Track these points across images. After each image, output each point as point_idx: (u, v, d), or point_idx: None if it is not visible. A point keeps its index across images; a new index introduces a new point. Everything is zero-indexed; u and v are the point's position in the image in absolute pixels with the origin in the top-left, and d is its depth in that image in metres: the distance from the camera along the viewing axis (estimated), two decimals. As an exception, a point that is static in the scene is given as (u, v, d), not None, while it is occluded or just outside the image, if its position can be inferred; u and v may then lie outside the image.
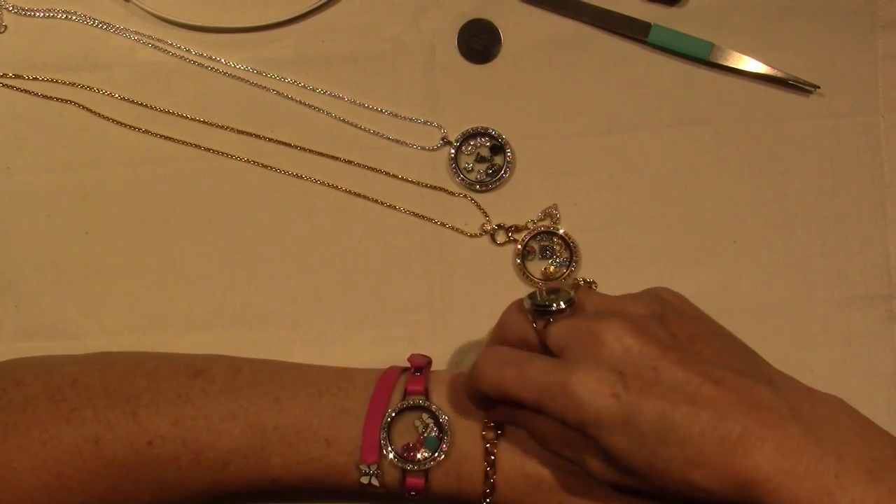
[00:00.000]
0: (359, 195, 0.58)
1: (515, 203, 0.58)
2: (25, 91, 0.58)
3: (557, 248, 0.58)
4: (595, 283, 0.49)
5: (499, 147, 0.58)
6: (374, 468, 0.48)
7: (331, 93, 0.59)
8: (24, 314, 0.57)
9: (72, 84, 0.58)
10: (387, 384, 0.50)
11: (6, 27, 0.59)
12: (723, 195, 0.58)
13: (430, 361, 0.52)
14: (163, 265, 0.58)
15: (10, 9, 0.59)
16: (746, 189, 0.58)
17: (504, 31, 0.59)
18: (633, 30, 0.58)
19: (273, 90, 0.59)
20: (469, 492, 0.49)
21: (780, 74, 0.58)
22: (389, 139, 0.59)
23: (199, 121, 0.59)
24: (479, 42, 0.59)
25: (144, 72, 0.59)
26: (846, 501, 0.40)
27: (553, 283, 0.48)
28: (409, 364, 0.51)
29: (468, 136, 0.58)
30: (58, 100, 0.58)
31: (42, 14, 0.59)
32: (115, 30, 0.59)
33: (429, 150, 0.59)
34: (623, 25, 0.58)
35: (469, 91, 0.59)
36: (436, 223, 0.58)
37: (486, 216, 0.58)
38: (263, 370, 0.51)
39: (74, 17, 0.59)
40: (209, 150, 0.58)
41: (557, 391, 0.42)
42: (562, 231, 0.58)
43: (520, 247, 0.58)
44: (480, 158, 0.59)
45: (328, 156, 0.59)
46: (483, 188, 0.58)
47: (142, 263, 0.58)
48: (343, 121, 0.59)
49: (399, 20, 0.59)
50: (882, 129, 0.58)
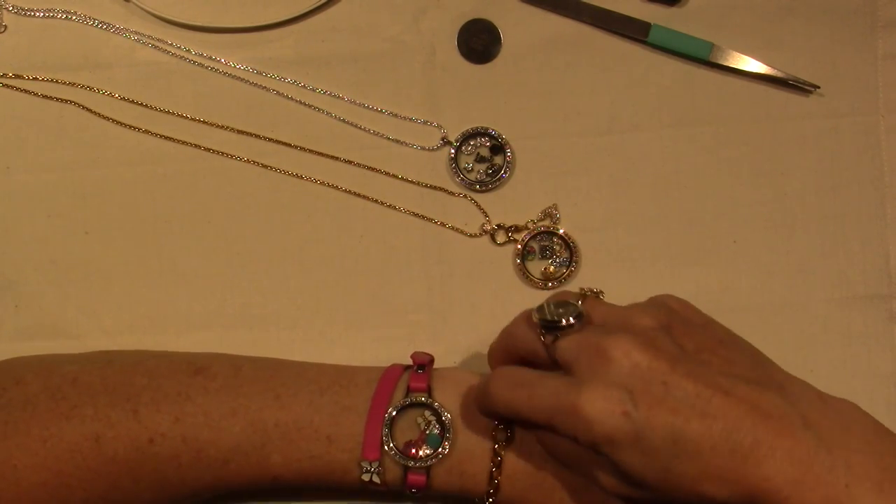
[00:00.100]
0: (359, 195, 0.58)
1: (515, 203, 0.58)
2: (25, 91, 0.58)
3: (557, 248, 0.58)
4: (602, 293, 0.49)
5: (499, 147, 0.58)
6: (376, 465, 0.48)
7: (331, 93, 0.59)
8: (24, 314, 0.57)
9: (72, 84, 0.58)
10: (389, 381, 0.50)
11: (6, 27, 0.59)
12: (723, 195, 0.58)
13: (433, 359, 0.52)
14: (163, 265, 0.58)
15: (10, 9, 0.59)
16: (746, 189, 0.58)
17: (504, 31, 0.59)
18: (633, 30, 0.58)
19: (273, 90, 0.59)
20: (471, 490, 0.49)
21: (780, 74, 0.58)
22: (389, 139, 0.59)
23: (199, 121, 0.59)
24: (479, 42, 0.59)
25: (144, 72, 0.59)
26: None
27: (560, 295, 0.48)
28: (412, 361, 0.51)
29: (468, 136, 0.58)
30: (58, 100, 0.58)
31: (42, 14, 0.59)
32: (115, 30, 0.59)
33: (429, 150, 0.59)
34: (623, 25, 0.58)
35: (469, 91, 0.59)
36: (436, 223, 0.58)
37: (486, 216, 0.58)
38: (264, 368, 0.51)
39: (74, 17, 0.59)
40: (209, 150, 0.58)
41: (568, 411, 0.42)
42: (562, 231, 0.58)
43: (520, 247, 0.58)
44: (480, 158, 0.59)
45: (328, 156, 0.59)
46: (483, 188, 0.58)
47: (142, 263, 0.58)
48: (343, 121, 0.59)
49: (399, 20, 0.59)
50: (882, 129, 0.58)
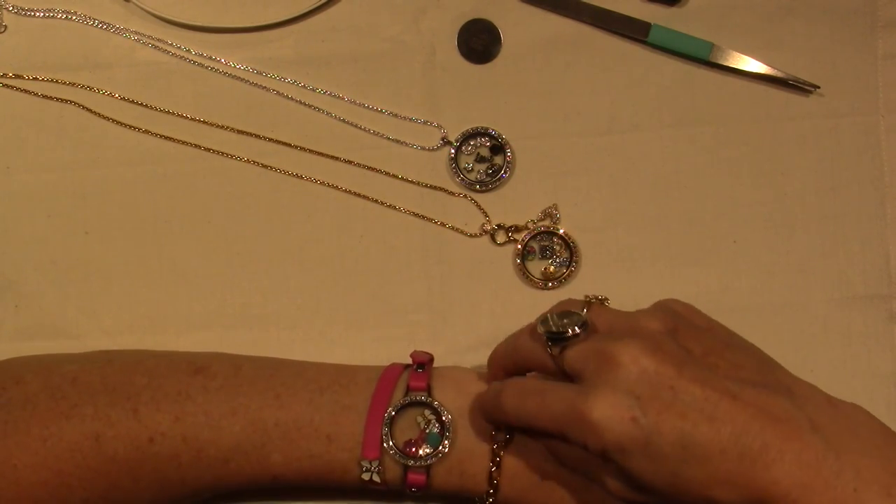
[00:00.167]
0: (359, 195, 0.58)
1: (515, 203, 0.58)
2: (25, 91, 0.58)
3: (557, 248, 0.58)
4: (607, 300, 0.48)
5: (499, 147, 0.58)
6: (376, 464, 0.48)
7: (331, 93, 0.59)
8: (24, 314, 0.57)
9: (72, 84, 0.58)
10: (389, 381, 0.50)
11: (6, 27, 0.59)
12: (723, 195, 0.58)
13: (433, 358, 0.52)
14: (163, 265, 0.58)
15: (10, 9, 0.59)
16: (746, 189, 0.58)
17: (504, 31, 0.59)
18: (633, 30, 0.58)
19: (273, 90, 0.59)
20: (471, 488, 0.49)
21: (780, 74, 0.58)
22: (389, 139, 0.59)
23: (199, 121, 0.59)
24: (479, 42, 0.59)
25: (144, 72, 0.59)
26: None
27: (564, 304, 0.47)
28: (412, 360, 0.51)
29: (468, 136, 0.58)
30: (58, 100, 0.58)
31: (42, 14, 0.59)
32: (115, 30, 0.59)
33: (429, 150, 0.59)
34: (623, 25, 0.58)
35: (469, 91, 0.59)
36: (436, 223, 0.58)
37: (486, 216, 0.58)
38: (264, 367, 0.51)
39: (74, 17, 0.59)
40: (209, 150, 0.58)
41: (577, 419, 0.42)
42: (562, 231, 0.58)
43: (520, 247, 0.58)
44: (480, 158, 0.59)
45: (328, 156, 0.59)
46: (483, 188, 0.58)
47: (142, 263, 0.58)
48: (343, 121, 0.59)
49: (399, 20, 0.59)
50: (882, 129, 0.58)
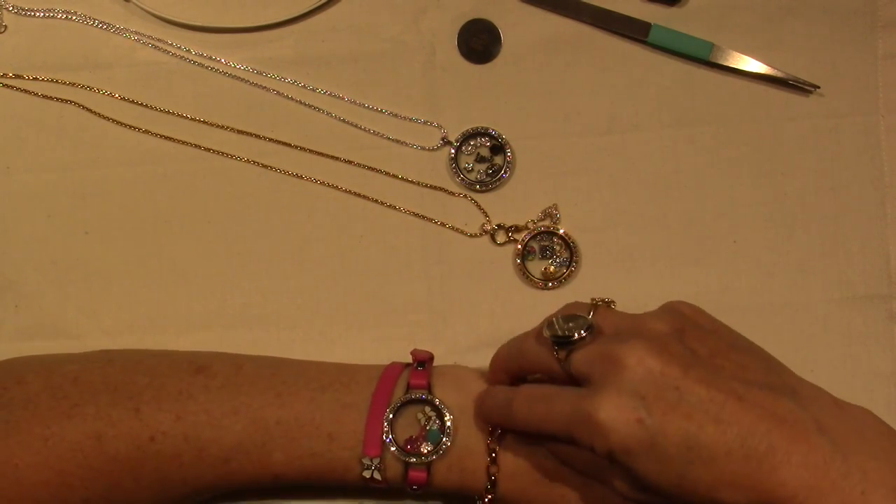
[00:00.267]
0: (359, 195, 0.58)
1: (515, 203, 0.58)
2: (25, 91, 0.58)
3: (557, 248, 0.58)
4: (613, 303, 0.49)
5: (499, 147, 0.58)
6: (377, 462, 0.48)
7: (331, 93, 0.59)
8: (24, 314, 0.57)
9: (72, 84, 0.58)
10: (389, 379, 0.50)
11: (6, 27, 0.59)
12: (723, 195, 0.58)
13: (433, 356, 0.52)
14: (163, 265, 0.58)
15: (10, 9, 0.59)
16: (746, 189, 0.58)
17: (504, 31, 0.59)
18: (633, 30, 0.58)
19: (273, 90, 0.59)
20: (471, 486, 0.49)
21: (780, 74, 0.58)
22: (389, 139, 0.59)
23: (199, 121, 0.59)
24: (479, 42, 0.59)
25: (144, 72, 0.59)
26: None
27: (570, 308, 0.47)
28: (412, 358, 0.51)
29: (468, 136, 0.58)
30: (58, 100, 0.58)
31: (42, 14, 0.59)
32: (115, 30, 0.59)
33: (429, 150, 0.59)
34: (623, 25, 0.58)
35: (469, 91, 0.59)
36: (436, 223, 0.58)
37: (486, 216, 0.58)
38: (265, 366, 0.51)
39: (74, 17, 0.59)
40: (209, 150, 0.58)
41: (584, 422, 0.42)
42: (562, 231, 0.58)
43: (520, 247, 0.58)
44: (480, 158, 0.59)
45: (328, 156, 0.59)
46: (483, 188, 0.58)
47: (142, 263, 0.58)
48: (343, 121, 0.59)
49: (399, 20, 0.59)
50: (882, 129, 0.58)
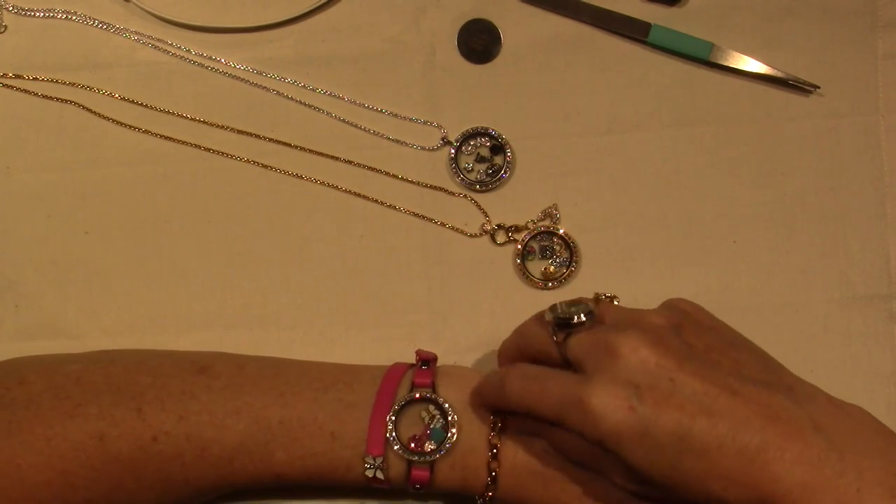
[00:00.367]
0: (359, 195, 0.58)
1: (515, 203, 0.58)
2: (25, 91, 0.58)
3: (557, 248, 0.58)
4: (616, 298, 0.49)
5: (499, 147, 0.58)
6: (379, 461, 0.48)
7: (331, 93, 0.59)
8: (24, 314, 0.57)
9: (72, 84, 0.58)
10: (393, 378, 0.50)
11: (6, 27, 0.59)
12: (723, 195, 0.58)
13: (437, 357, 0.52)
14: (163, 265, 0.58)
15: (10, 9, 0.59)
16: (746, 189, 0.58)
17: (504, 31, 0.59)
18: (633, 30, 0.58)
19: (273, 90, 0.59)
20: (473, 484, 0.49)
21: (780, 74, 0.58)
22: (389, 139, 0.59)
23: (199, 121, 0.59)
24: (479, 42, 0.59)
25: (144, 72, 0.59)
26: None
27: (575, 299, 0.49)
28: (417, 357, 0.52)
29: (468, 136, 0.58)
30: (58, 100, 0.58)
31: (42, 14, 0.59)
32: (115, 30, 0.59)
33: (429, 150, 0.59)
34: (623, 25, 0.58)
35: (469, 91, 0.59)
36: (436, 223, 0.58)
37: (486, 216, 0.58)
38: (267, 366, 0.51)
39: (74, 17, 0.59)
40: (209, 150, 0.58)
41: (575, 406, 0.43)
42: (562, 231, 0.58)
43: (520, 247, 0.58)
44: (480, 158, 0.59)
45: (328, 156, 0.59)
46: (483, 188, 0.58)
47: (142, 263, 0.58)
48: (343, 121, 0.59)
49: (399, 20, 0.59)
50: (882, 129, 0.58)
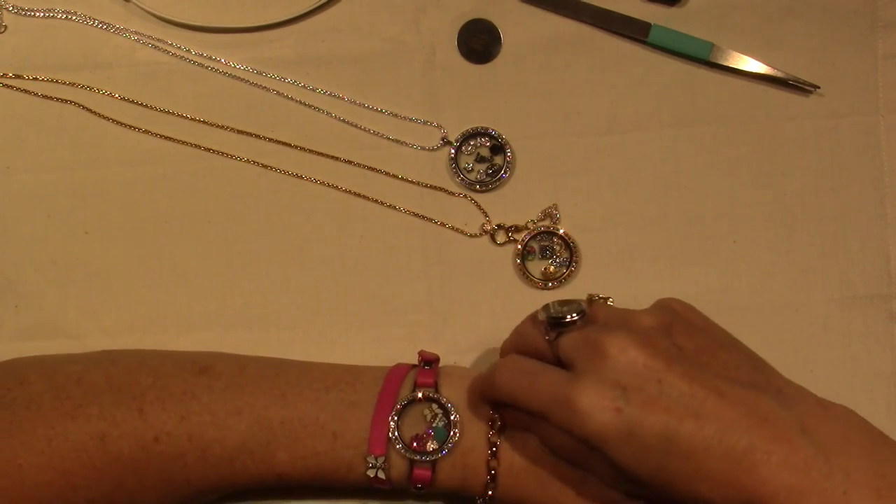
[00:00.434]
0: (359, 195, 0.58)
1: (515, 203, 0.58)
2: (25, 91, 0.58)
3: (557, 248, 0.58)
4: (610, 299, 0.49)
5: (499, 147, 0.58)
6: (381, 460, 0.48)
7: (331, 93, 0.59)
8: (24, 314, 0.57)
9: (72, 84, 0.58)
10: (396, 378, 0.50)
11: (6, 27, 0.59)
12: (723, 195, 0.58)
13: (439, 358, 0.52)
14: (163, 265, 0.58)
15: (10, 9, 0.59)
16: (746, 189, 0.58)
17: (504, 31, 0.59)
18: (633, 30, 0.58)
19: (273, 90, 0.59)
20: (474, 484, 0.49)
21: (780, 74, 0.58)
22: (389, 139, 0.59)
23: (199, 121, 0.59)
24: (479, 42, 0.59)
25: (144, 72, 0.59)
26: None
27: (567, 298, 0.49)
28: (420, 357, 0.52)
29: (468, 136, 0.58)
30: (58, 100, 0.58)
31: (42, 14, 0.59)
32: (115, 30, 0.59)
33: (429, 150, 0.59)
34: (623, 25, 0.58)
35: (469, 91, 0.59)
36: (436, 223, 0.58)
37: (486, 216, 0.58)
38: (269, 367, 0.51)
39: (74, 17, 0.59)
40: (209, 150, 0.58)
41: (563, 405, 0.43)
42: (562, 231, 0.58)
43: (520, 247, 0.58)
44: (480, 158, 0.59)
45: (328, 156, 0.59)
46: (483, 188, 0.58)
47: (142, 263, 0.58)
48: (343, 121, 0.59)
49: (399, 20, 0.59)
50: (882, 129, 0.58)
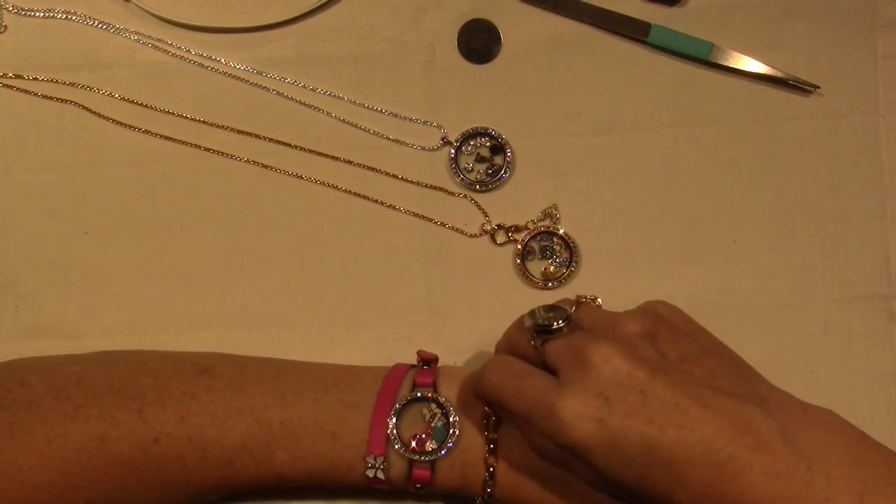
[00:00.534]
0: (359, 195, 0.58)
1: (515, 203, 0.58)
2: (25, 91, 0.58)
3: (557, 248, 0.58)
4: (597, 299, 0.49)
5: (499, 147, 0.58)
6: (381, 460, 0.48)
7: (331, 93, 0.59)
8: (24, 314, 0.57)
9: (72, 84, 0.58)
10: (395, 379, 0.50)
11: (6, 27, 0.59)
12: (723, 195, 0.58)
13: (438, 358, 0.52)
14: (163, 265, 0.58)
15: (10, 9, 0.59)
16: (746, 189, 0.58)
17: (504, 31, 0.59)
18: (633, 30, 0.58)
19: (273, 90, 0.59)
20: (473, 482, 0.49)
21: (780, 74, 0.58)
22: (389, 139, 0.59)
23: (199, 121, 0.59)
24: (479, 42, 0.59)
25: (144, 72, 0.59)
26: None
27: (557, 302, 0.49)
28: (418, 357, 0.52)
29: (468, 136, 0.58)
30: (58, 100, 0.58)
31: (42, 14, 0.59)
32: (115, 30, 0.59)
33: (429, 150, 0.59)
34: (623, 25, 0.58)
35: (469, 91, 0.59)
36: (436, 223, 0.58)
37: (486, 216, 0.58)
38: (268, 367, 0.51)
39: (74, 17, 0.59)
40: (209, 150, 0.58)
41: (546, 412, 0.43)
42: (562, 231, 0.58)
43: (520, 247, 0.58)
44: (480, 158, 0.59)
45: (328, 156, 0.59)
46: (483, 188, 0.58)
47: (142, 263, 0.58)
48: (343, 121, 0.59)
49: (399, 20, 0.59)
50: (882, 129, 0.58)
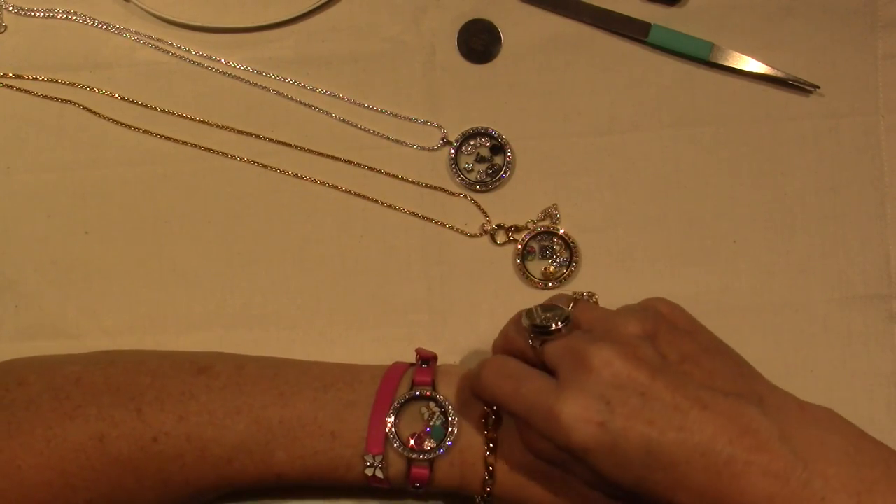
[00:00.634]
0: (359, 195, 0.58)
1: (515, 203, 0.58)
2: (25, 91, 0.58)
3: (557, 248, 0.58)
4: (595, 295, 0.49)
5: (499, 147, 0.58)
6: (379, 459, 0.48)
7: (331, 93, 0.59)
8: (24, 314, 0.57)
9: (72, 84, 0.58)
10: (393, 377, 0.50)
11: (6, 27, 0.59)
12: (723, 195, 0.58)
13: (437, 357, 0.52)
14: (163, 265, 0.58)
15: (10, 9, 0.59)
16: (746, 189, 0.58)
17: (504, 31, 0.59)
18: (633, 30, 0.58)
19: (273, 90, 0.59)
20: (472, 481, 0.49)
21: (780, 74, 0.58)
22: (389, 139, 0.59)
23: (199, 121, 0.59)
24: (479, 42, 0.59)
25: (144, 72, 0.59)
26: None
27: (553, 299, 0.48)
28: (417, 355, 0.52)
29: (468, 136, 0.58)
30: (58, 100, 0.58)
31: (42, 14, 0.59)
32: (115, 30, 0.59)
33: (429, 150, 0.59)
34: (623, 25, 0.58)
35: (469, 91, 0.59)
36: (436, 223, 0.58)
37: (486, 216, 0.58)
38: (267, 366, 0.51)
39: (74, 17, 0.59)
40: (209, 150, 0.58)
41: (545, 415, 0.43)
42: (562, 231, 0.58)
43: (520, 247, 0.58)
44: (480, 158, 0.59)
45: (328, 156, 0.59)
46: (483, 188, 0.58)
47: (142, 263, 0.58)
48: (343, 121, 0.59)
49: (399, 20, 0.59)
50: (882, 129, 0.58)
